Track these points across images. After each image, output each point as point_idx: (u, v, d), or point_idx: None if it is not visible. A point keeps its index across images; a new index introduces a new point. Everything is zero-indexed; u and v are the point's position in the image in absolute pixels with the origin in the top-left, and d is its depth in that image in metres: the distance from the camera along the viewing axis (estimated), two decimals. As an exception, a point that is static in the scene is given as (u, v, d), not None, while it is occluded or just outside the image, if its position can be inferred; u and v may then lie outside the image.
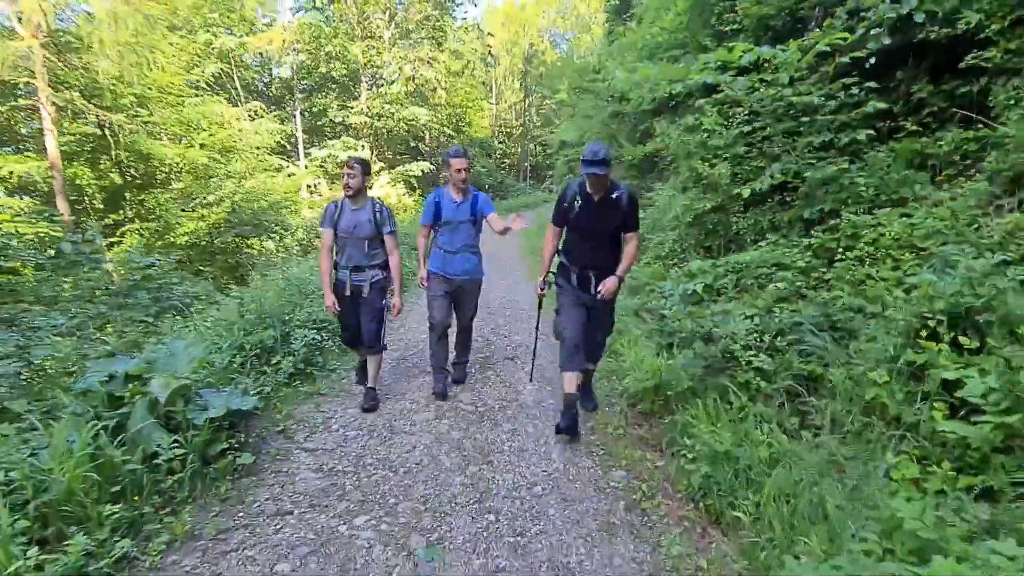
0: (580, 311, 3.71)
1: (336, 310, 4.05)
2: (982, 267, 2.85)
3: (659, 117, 7.38)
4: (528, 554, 2.52)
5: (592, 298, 3.62)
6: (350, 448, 3.53)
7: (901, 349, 2.88)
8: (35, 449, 2.62)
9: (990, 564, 1.62)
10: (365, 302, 4.04)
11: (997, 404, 2.33)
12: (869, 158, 4.52)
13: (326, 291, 4.04)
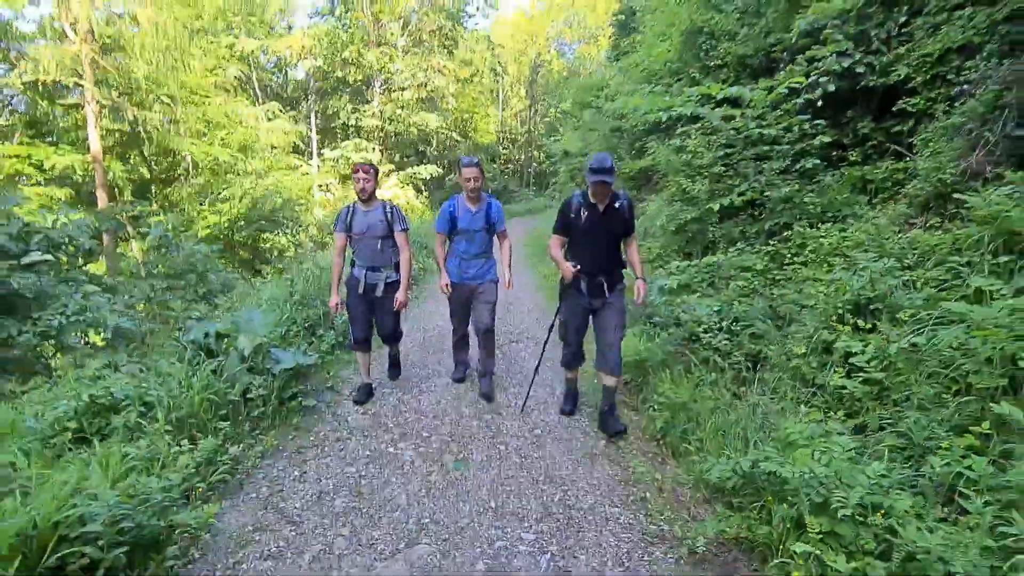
0: (585, 318, 3.92)
1: (339, 311, 4.27)
2: (880, 269, 3.75)
3: (652, 136, 8.28)
4: (530, 469, 3.40)
5: (602, 302, 3.79)
6: (387, 400, 4.41)
7: (818, 331, 3.77)
8: (166, 378, 3.51)
9: (829, 451, 2.51)
10: (380, 301, 4.22)
11: (874, 367, 3.23)
12: (821, 182, 5.43)
13: (333, 292, 4.22)
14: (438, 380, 4.91)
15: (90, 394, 3.11)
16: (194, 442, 3.16)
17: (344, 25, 23.35)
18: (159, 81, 13.53)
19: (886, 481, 2.47)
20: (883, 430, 2.97)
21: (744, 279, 5.05)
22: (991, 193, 3.58)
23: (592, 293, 3.80)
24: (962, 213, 3.89)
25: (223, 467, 3.11)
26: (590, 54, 46.15)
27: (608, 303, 3.80)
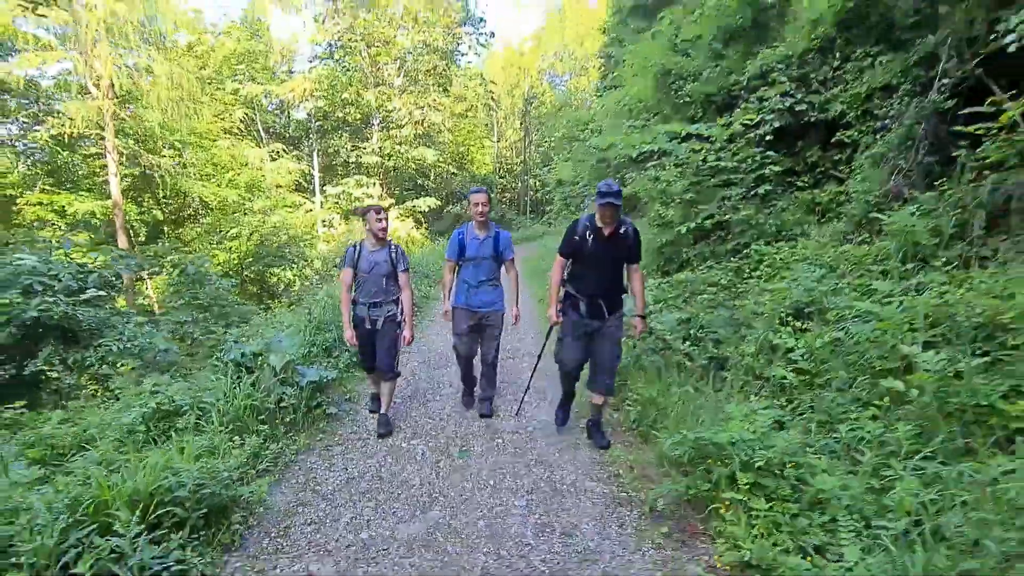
0: (582, 341, 4.01)
1: (355, 342, 4.47)
2: (816, 279, 4.43)
3: (632, 167, 9.04)
4: (523, 456, 4.03)
5: (602, 324, 3.90)
6: (398, 409, 5.04)
7: (766, 333, 4.43)
8: (214, 390, 4.16)
9: (756, 423, 3.15)
10: (380, 334, 4.39)
11: (805, 359, 3.88)
12: (776, 205, 6.15)
13: (346, 325, 4.43)
14: (443, 391, 5.54)
15: (156, 402, 3.77)
16: (242, 439, 3.79)
17: (343, 68, 24.47)
18: (172, 128, 14.43)
19: (808, 448, 3.12)
20: (811, 409, 3.62)
21: (710, 293, 5.73)
22: (901, 211, 4.28)
23: (591, 314, 3.89)
24: (883, 229, 4.59)
25: (267, 459, 3.75)
26: (581, 85, 47.51)
27: (606, 329, 3.92)
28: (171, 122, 13.65)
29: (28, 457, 3.24)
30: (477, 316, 4.59)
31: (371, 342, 4.46)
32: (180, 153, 16.34)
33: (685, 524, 3.15)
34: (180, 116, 13.55)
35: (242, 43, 23.31)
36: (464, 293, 4.58)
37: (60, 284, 4.89)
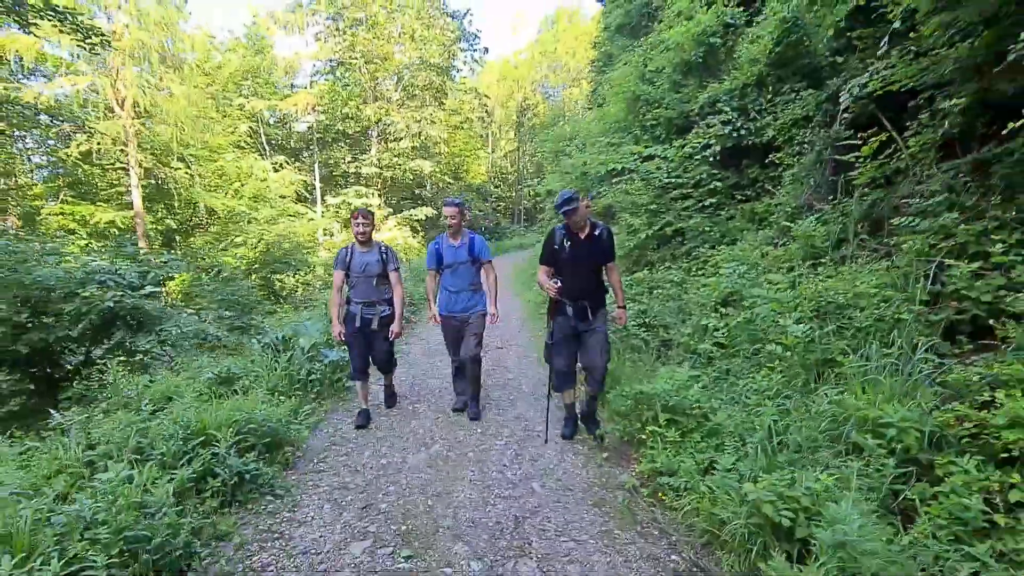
0: (572, 342, 4.24)
1: (342, 339, 4.68)
2: (740, 274, 5.52)
3: (607, 181, 10.15)
4: (505, 414, 5.10)
5: (588, 325, 4.13)
6: (405, 379, 6.09)
7: (700, 318, 5.52)
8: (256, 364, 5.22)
9: (675, 380, 4.22)
10: (375, 334, 4.68)
11: (724, 336, 4.97)
12: (723, 215, 7.26)
13: (334, 322, 4.68)
14: (439, 373, 6.60)
15: (217, 371, 4.83)
16: (282, 400, 4.85)
17: (343, 84, 25.60)
18: (185, 143, 15.51)
19: (713, 397, 4.20)
20: (725, 371, 4.70)
21: (665, 288, 6.82)
22: (807, 221, 5.39)
23: (577, 316, 4.13)
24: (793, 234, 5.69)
25: (303, 415, 4.80)
26: (574, 96, 48.73)
27: (593, 329, 4.16)
28: (187, 137, 14.75)
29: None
30: (459, 319, 4.86)
31: (362, 342, 4.70)
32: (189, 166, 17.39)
33: (622, 453, 4.23)
34: (196, 131, 14.66)
35: (247, 60, 24.44)
36: (446, 300, 4.87)
37: (125, 281, 5.94)
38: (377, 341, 4.73)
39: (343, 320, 4.69)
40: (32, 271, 5.18)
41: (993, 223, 3.52)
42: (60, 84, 12.66)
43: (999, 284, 3.25)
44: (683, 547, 3.03)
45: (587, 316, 4.12)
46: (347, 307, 4.72)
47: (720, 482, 3.12)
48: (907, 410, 2.92)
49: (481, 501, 3.51)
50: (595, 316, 4.17)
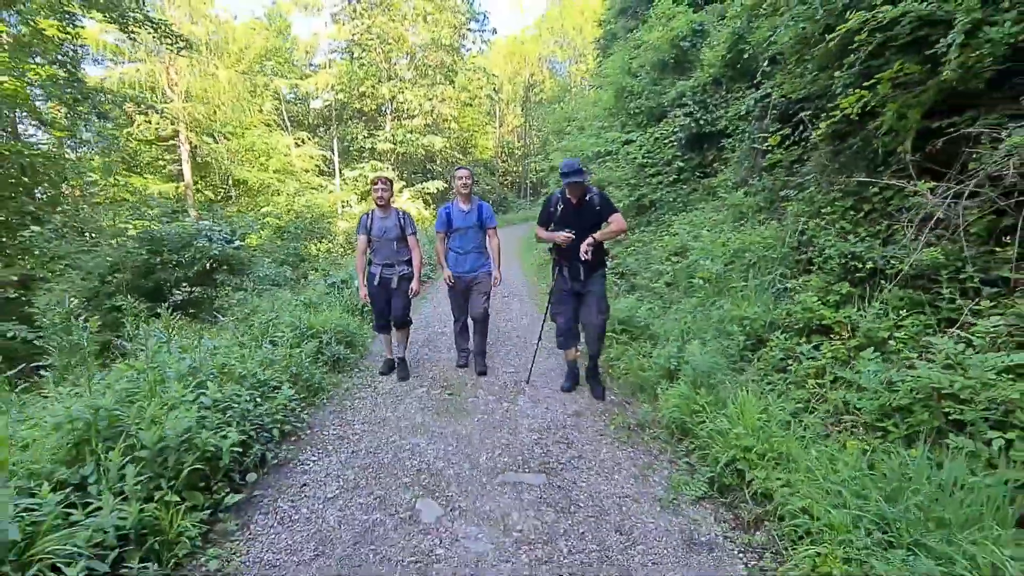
0: (572, 300, 4.48)
1: (367, 299, 5.10)
2: (688, 233, 7.32)
3: (598, 159, 11.88)
4: (506, 361, 6.96)
5: (583, 286, 4.40)
6: (417, 335, 7.96)
7: (660, 265, 7.33)
8: (328, 296, 7.09)
9: (630, 306, 6.06)
10: (395, 291, 5.03)
11: (671, 276, 6.80)
12: (686, 189, 9.03)
13: (360, 284, 5.09)
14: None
15: (303, 298, 6.70)
16: (351, 318, 6.71)
17: (360, 63, 27.13)
18: (224, 122, 17.29)
19: (654, 317, 6.04)
20: (671, 301, 6.52)
21: (637, 246, 8.63)
22: (737, 193, 7.17)
23: (572, 276, 4.39)
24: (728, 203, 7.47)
25: (367, 328, 6.65)
26: (579, 71, 49.62)
27: (590, 291, 4.43)
28: (225, 116, 16.51)
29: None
30: (465, 280, 5.22)
31: (384, 298, 5.07)
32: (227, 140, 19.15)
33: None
34: (236, 112, 16.40)
35: (270, 40, 26.01)
36: (454, 260, 5.20)
37: (222, 236, 7.77)
38: (396, 298, 5.08)
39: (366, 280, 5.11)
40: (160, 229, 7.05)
41: (837, 194, 5.30)
42: (122, 71, 14.42)
43: (835, 233, 5.05)
44: (618, 394, 4.90)
45: (579, 276, 4.37)
46: (368, 268, 5.08)
47: (647, 359, 4.99)
48: (759, 309, 4.76)
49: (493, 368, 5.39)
50: (589, 277, 4.41)
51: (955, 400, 2.74)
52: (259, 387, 3.86)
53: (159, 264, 7.17)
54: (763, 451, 3.06)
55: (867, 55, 4.47)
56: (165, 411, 2.91)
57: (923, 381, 2.87)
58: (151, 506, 2.45)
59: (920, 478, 2.38)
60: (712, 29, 9.19)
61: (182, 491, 2.67)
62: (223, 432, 3.01)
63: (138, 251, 7.04)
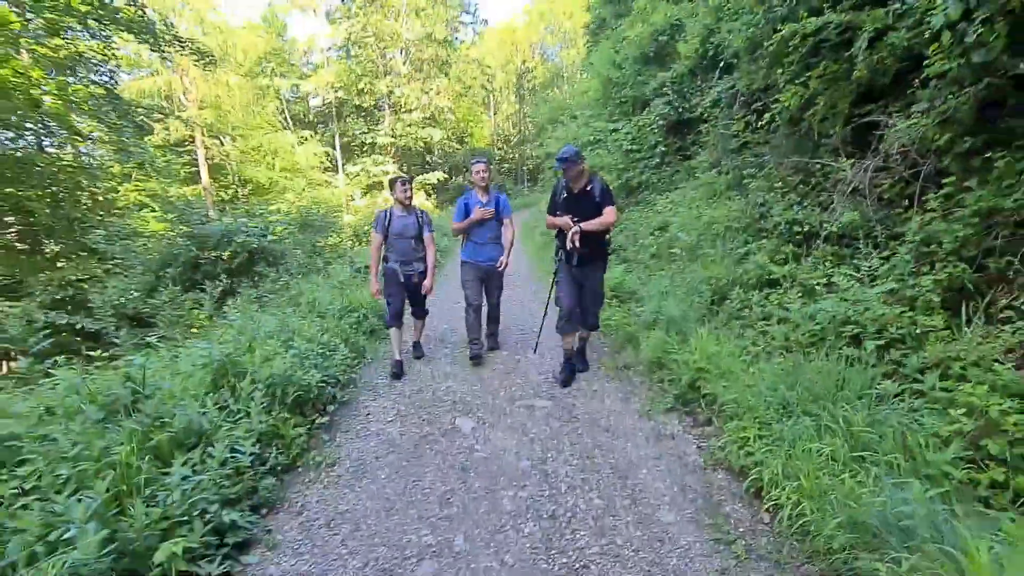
0: (575, 284, 4.58)
1: (379, 296, 5.20)
2: (669, 210, 8.30)
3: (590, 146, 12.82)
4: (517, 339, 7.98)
5: (583, 272, 4.53)
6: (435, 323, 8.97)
7: (642, 240, 8.32)
8: (355, 280, 8.10)
9: (618, 276, 7.06)
10: (414, 287, 5.20)
11: (654, 248, 7.80)
12: (668, 171, 9.99)
13: (372, 280, 5.16)
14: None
15: (339, 279, 7.71)
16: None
17: (357, 60, 27.97)
18: (236, 125, 18.23)
19: (640, 282, 7.04)
20: (653, 270, 7.51)
21: (627, 224, 9.61)
22: (710, 173, 8.14)
23: (567, 261, 4.50)
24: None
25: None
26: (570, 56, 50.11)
27: (588, 280, 4.63)
28: (239, 120, 17.44)
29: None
30: (483, 270, 5.34)
31: (401, 295, 5.18)
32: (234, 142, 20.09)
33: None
34: (246, 115, 17.31)
35: (269, 42, 26.83)
36: (472, 250, 5.33)
37: (257, 231, 8.75)
38: (415, 293, 5.31)
39: (382, 276, 5.19)
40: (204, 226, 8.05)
41: (789, 172, 6.26)
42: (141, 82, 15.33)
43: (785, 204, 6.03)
44: (610, 345, 5.91)
45: (583, 262, 4.46)
46: (385, 264, 5.14)
47: (634, 316, 6.01)
48: (723, 270, 5.76)
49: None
50: (590, 263, 4.54)
51: (852, 323, 3.74)
52: (323, 347, 4.88)
53: (204, 258, 8.17)
54: (714, 371, 4.08)
55: (805, 55, 5.44)
56: (268, 358, 3.93)
57: (828, 313, 3.88)
58: (271, 419, 3.48)
59: (815, 374, 3.39)
60: (688, 23, 10.07)
61: (289, 412, 3.70)
62: (310, 373, 4.04)
63: (188, 247, 8.03)
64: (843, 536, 2.32)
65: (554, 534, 2.77)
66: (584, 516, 2.91)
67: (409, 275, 5.15)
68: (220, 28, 17.14)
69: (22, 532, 2.00)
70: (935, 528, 2.10)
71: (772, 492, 2.80)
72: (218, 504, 2.57)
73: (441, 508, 3.03)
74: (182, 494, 2.43)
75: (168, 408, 3.00)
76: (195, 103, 16.20)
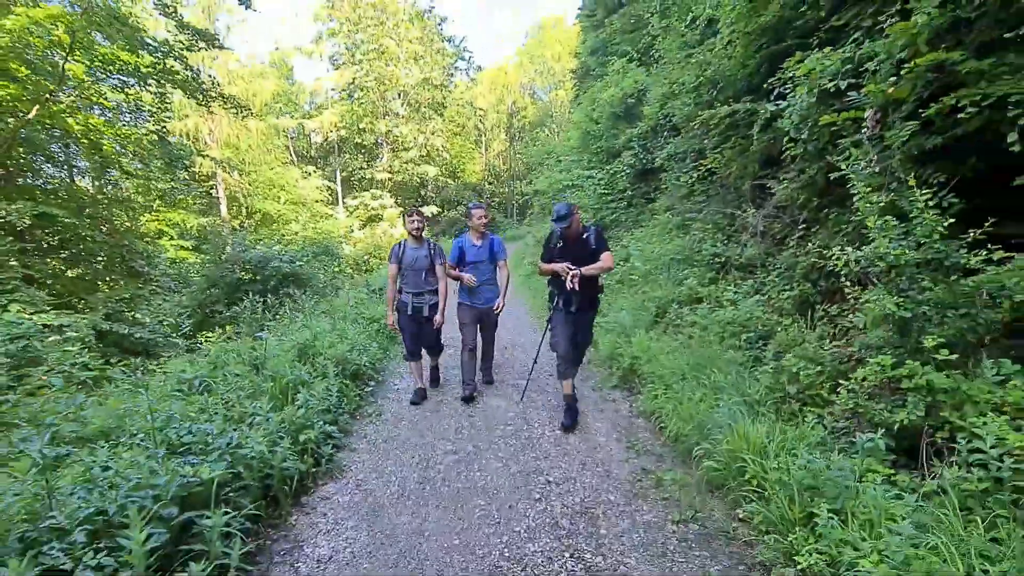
0: (570, 328, 4.73)
1: (396, 328, 5.29)
2: (635, 244, 10.10)
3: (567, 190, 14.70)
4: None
5: (575, 315, 4.73)
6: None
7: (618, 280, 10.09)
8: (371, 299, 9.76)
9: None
10: (425, 320, 5.26)
11: (618, 278, 9.56)
12: (635, 212, 11.84)
13: (389, 312, 5.28)
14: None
15: (356, 297, 9.36)
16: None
17: (359, 102, 30.08)
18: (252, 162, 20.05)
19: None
20: (617, 295, 9.24)
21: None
22: (667, 214, 9.97)
23: (570, 307, 4.68)
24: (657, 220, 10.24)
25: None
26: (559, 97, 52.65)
27: (583, 320, 4.86)
28: (256, 158, 19.27)
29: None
30: (478, 312, 5.49)
31: (414, 328, 5.31)
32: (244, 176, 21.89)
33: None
34: (262, 153, 19.14)
35: (278, 84, 28.94)
36: (468, 292, 5.46)
37: (287, 257, 10.40)
38: (425, 327, 5.30)
39: (396, 308, 5.29)
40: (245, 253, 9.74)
41: (718, 216, 8.05)
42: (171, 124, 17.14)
43: (712, 241, 7.81)
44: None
45: (579, 307, 4.70)
46: (399, 296, 5.24)
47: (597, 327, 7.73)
48: (665, 292, 7.49)
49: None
50: (582, 308, 4.76)
51: (736, 324, 5.47)
52: (361, 344, 6.53)
53: (244, 279, 9.82)
54: (645, 359, 5.76)
55: (724, 130, 7.29)
56: (332, 345, 5.60)
57: (725, 318, 5.61)
58: (339, 384, 5.12)
59: (702, 356, 5.08)
60: (651, 90, 12.07)
61: (350, 380, 5.35)
62: (360, 357, 5.70)
63: (232, 270, 9.68)
64: (693, 433, 4.00)
65: (529, 446, 4.42)
66: (548, 438, 4.57)
67: (419, 307, 5.20)
68: (243, 76, 19.17)
69: (238, 421, 3.64)
70: (739, 424, 3.78)
71: (665, 422, 4.48)
72: (321, 421, 4.20)
73: (455, 434, 4.68)
74: (304, 411, 4.06)
75: (279, 367, 4.65)
76: (219, 143, 18.02)
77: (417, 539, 3.12)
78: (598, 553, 2.94)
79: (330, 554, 2.98)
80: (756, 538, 2.96)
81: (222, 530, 2.55)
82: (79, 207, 11.55)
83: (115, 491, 2.45)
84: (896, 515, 2.50)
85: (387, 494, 3.66)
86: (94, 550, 2.16)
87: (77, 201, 11.68)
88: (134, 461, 2.72)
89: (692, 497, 3.46)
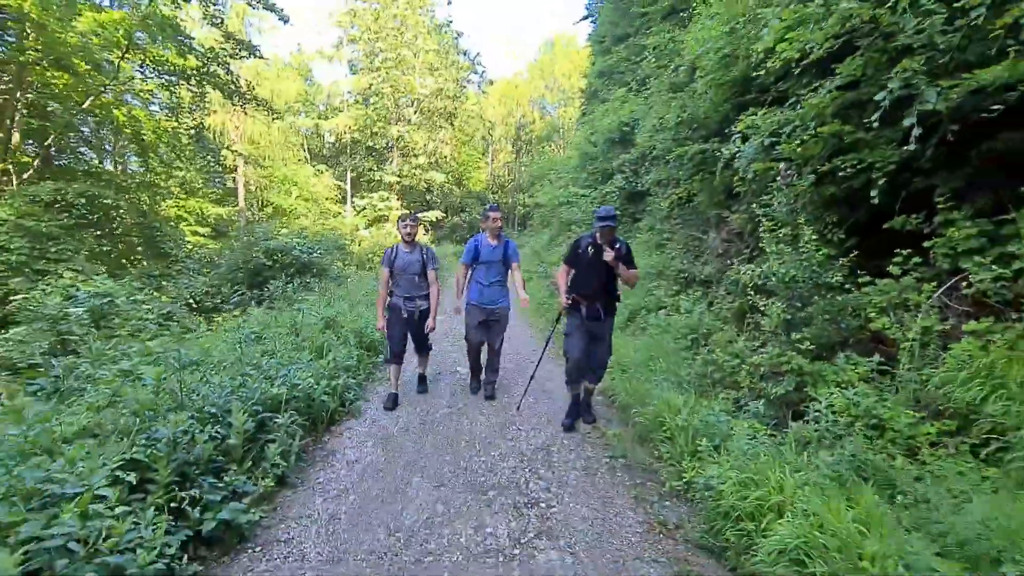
0: (585, 337, 4.72)
1: (384, 330, 5.33)
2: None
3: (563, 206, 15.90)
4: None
5: (598, 325, 4.69)
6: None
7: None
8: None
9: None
10: (417, 323, 5.36)
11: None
12: (624, 222, 13.03)
13: (379, 315, 5.29)
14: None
15: (365, 292, 10.50)
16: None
17: (373, 108, 31.36)
18: (271, 157, 21.26)
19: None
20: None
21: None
22: (653, 231, 11.16)
23: (590, 316, 4.65)
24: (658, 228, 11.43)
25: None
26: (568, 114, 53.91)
27: (602, 331, 4.78)
28: (275, 154, 20.49)
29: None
30: (487, 312, 5.43)
31: (402, 331, 5.33)
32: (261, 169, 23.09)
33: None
34: (281, 151, 20.34)
35: (297, 85, 30.23)
36: (477, 291, 5.44)
37: (305, 247, 11.52)
38: (419, 329, 5.41)
39: (387, 310, 5.32)
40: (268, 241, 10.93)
41: (688, 237, 9.22)
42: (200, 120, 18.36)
43: (681, 259, 8.97)
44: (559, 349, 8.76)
45: (599, 316, 4.62)
46: (390, 299, 5.28)
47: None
48: (637, 300, 8.65)
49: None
50: (605, 318, 4.69)
51: (687, 327, 6.62)
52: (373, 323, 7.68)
53: (266, 265, 10.97)
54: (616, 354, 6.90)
55: (692, 165, 8.47)
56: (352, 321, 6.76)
57: (680, 323, 6.77)
58: (358, 353, 6.26)
59: (657, 350, 6.23)
60: (641, 120, 13.30)
61: (365, 350, 6.49)
62: (374, 332, 6.85)
63: (257, 256, 10.83)
64: (635, 403, 5.15)
65: (503, 409, 5.56)
66: (523, 405, 5.71)
67: (412, 311, 5.27)
68: (268, 78, 20.44)
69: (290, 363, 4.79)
70: (666, 394, 4.91)
71: (616, 397, 5.63)
72: (346, 375, 5.33)
73: (451, 398, 5.82)
74: (333, 365, 5.20)
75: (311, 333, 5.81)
76: (242, 138, 19.18)
77: (419, 455, 4.27)
78: (549, 470, 4.10)
79: (356, 458, 4.15)
80: (663, 466, 4.11)
81: (288, 428, 3.70)
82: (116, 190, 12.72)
83: (220, 391, 3.61)
84: (750, 450, 3.66)
85: (395, 429, 4.82)
86: (211, 423, 3.31)
87: (113, 185, 12.85)
88: (227, 379, 3.87)
89: (625, 444, 4.60)
